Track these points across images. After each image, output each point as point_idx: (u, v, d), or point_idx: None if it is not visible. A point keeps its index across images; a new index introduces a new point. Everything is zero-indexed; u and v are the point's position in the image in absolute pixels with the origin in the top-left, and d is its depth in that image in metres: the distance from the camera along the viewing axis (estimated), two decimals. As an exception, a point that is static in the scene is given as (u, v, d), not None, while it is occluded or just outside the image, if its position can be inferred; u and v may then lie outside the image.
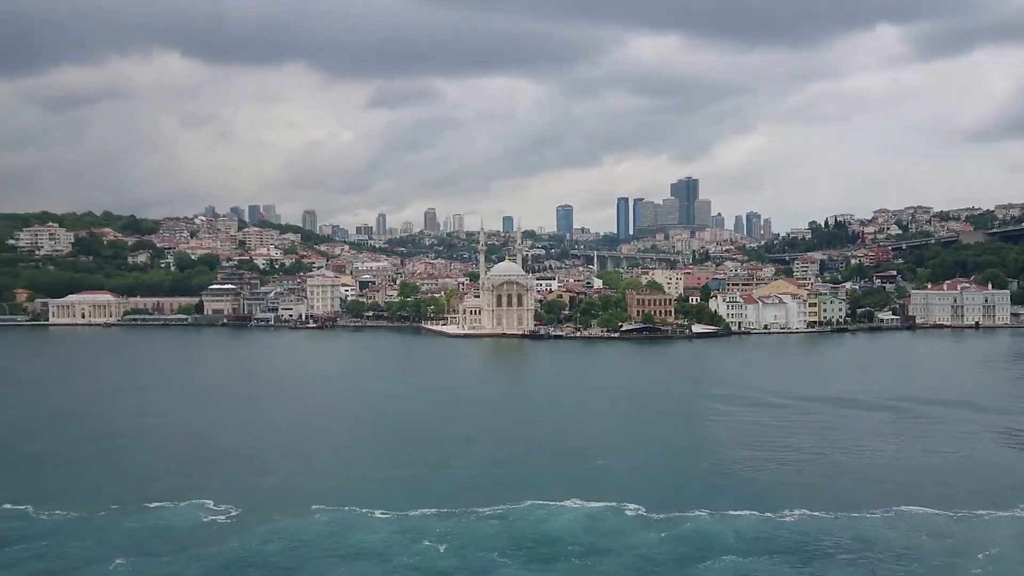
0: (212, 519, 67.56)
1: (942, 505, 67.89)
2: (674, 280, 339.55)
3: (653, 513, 67.18)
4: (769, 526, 64.25)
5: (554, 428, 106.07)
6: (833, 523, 64.54)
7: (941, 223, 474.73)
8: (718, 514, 66.54)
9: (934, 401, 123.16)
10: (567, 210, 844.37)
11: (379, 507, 68.56)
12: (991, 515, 65.95)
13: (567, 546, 60.53)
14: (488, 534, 62.98)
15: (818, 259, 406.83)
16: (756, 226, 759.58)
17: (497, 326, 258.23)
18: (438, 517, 66.81)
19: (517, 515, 67.20)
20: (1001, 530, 62.71)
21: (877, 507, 67.64)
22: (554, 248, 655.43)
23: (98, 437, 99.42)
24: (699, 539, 61.77)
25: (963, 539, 61.02)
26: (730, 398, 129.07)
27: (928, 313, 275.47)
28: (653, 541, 61.55)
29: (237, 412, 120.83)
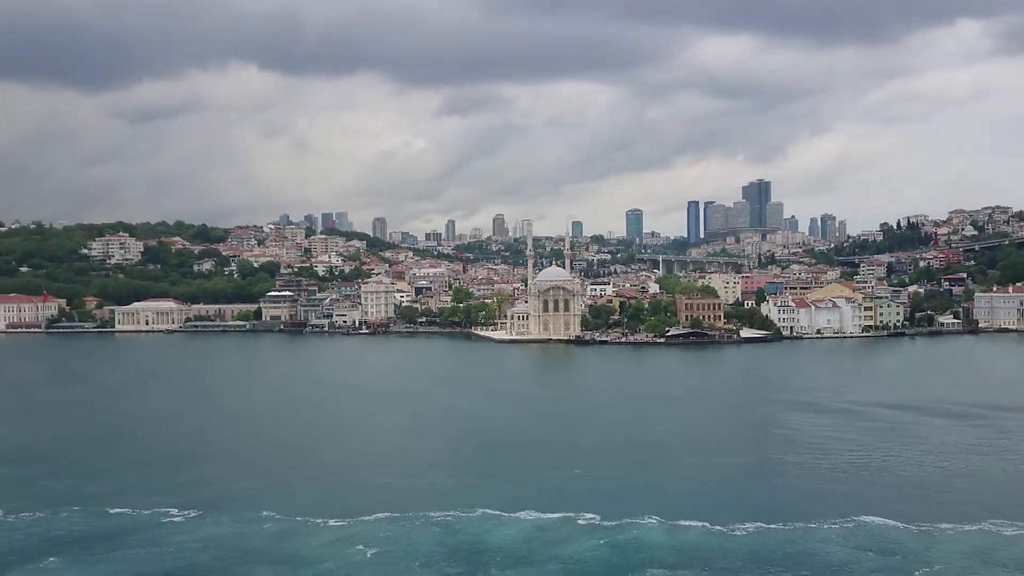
0: (169, 520, 69.00)
1: (904, 517, 65.13)
2: (731, 284, 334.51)
3: (606, 522, 66.08)
4: (719, 539, 62.51)
5: (548, 436, 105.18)
6: (783, 535, 62.42)
7: (1020, 223, 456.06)
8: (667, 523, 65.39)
9: (937, 407, 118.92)
10: (637, 214, 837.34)
11: (335, 515, 68.89)
12: (955, 529, 62.90)
13: (496, 555, 59.91)
14: (423, 542, 62.83)
15: (885, 261, 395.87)
16: (830, 228, 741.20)
17: (544, 331, 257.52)
18: (387, 522, 66.93)
19: (463, 524, 66.81)
20: (956, 546, 59.70)
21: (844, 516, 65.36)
22: (620, 253, 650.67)
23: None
24: (640, 548, 60.60)
25: (911, 554, 58.33)
26: (748, 403, 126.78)
27: (993, 317, 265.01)
28: (587, 549, 60.48)
29: (235, 414, 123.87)
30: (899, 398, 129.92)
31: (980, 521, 64.54)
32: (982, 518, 65.31)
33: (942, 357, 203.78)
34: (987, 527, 63.31)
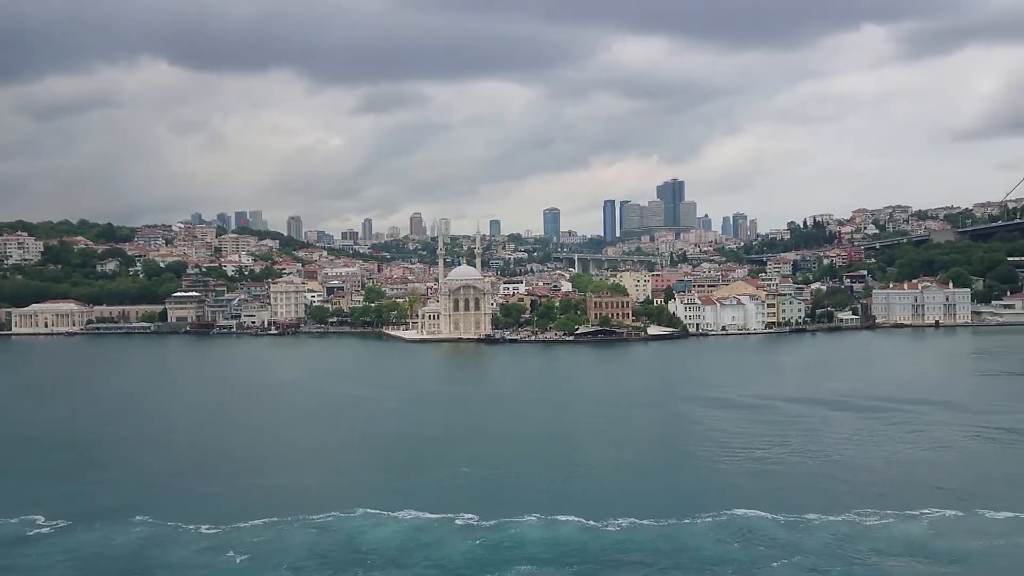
0: (36, 531, 66.57)
1: (776, 509, 66.67)
2: (642, 282, 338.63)
3: (485, 521, 66.05)
4: (591, 535, 62.97)
5: (444, 435, 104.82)
6: (655, 530, 63.29)
7: (919, 222, 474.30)
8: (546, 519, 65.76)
9: (833, 400, 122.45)
10: (554, 213, 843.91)
11: (210, 521, 67.29)
12: (821, 519, 64.64)
13: (367, 557, 59.37)
14: (296, 545, 61.86)
15: (791, 259, 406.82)
16: (742, 227, 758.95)
17: (454, 331, 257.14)
18: (264, 527, 65.69)
19: (342, 525, 66.06)
20: (819, 536, 61.35)
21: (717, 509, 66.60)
22: (537, 252, 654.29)
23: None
24: (512, 547, 60.74)
25: (775, 544, 59.75)
26: (633, 400, 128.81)
27: (889, 312, 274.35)
28: (461, 549, 60.40)
29: (132, 419, 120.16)
30: (798, 392, 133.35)
31: (847, 511, 66.31)
32: (851, 508, 67.12)
33: (841, 352, 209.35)
34: (852, 517, 65.08)
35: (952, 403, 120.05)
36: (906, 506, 67.41)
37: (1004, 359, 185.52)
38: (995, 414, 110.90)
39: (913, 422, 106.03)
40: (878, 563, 56.43)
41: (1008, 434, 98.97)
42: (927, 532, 61.77)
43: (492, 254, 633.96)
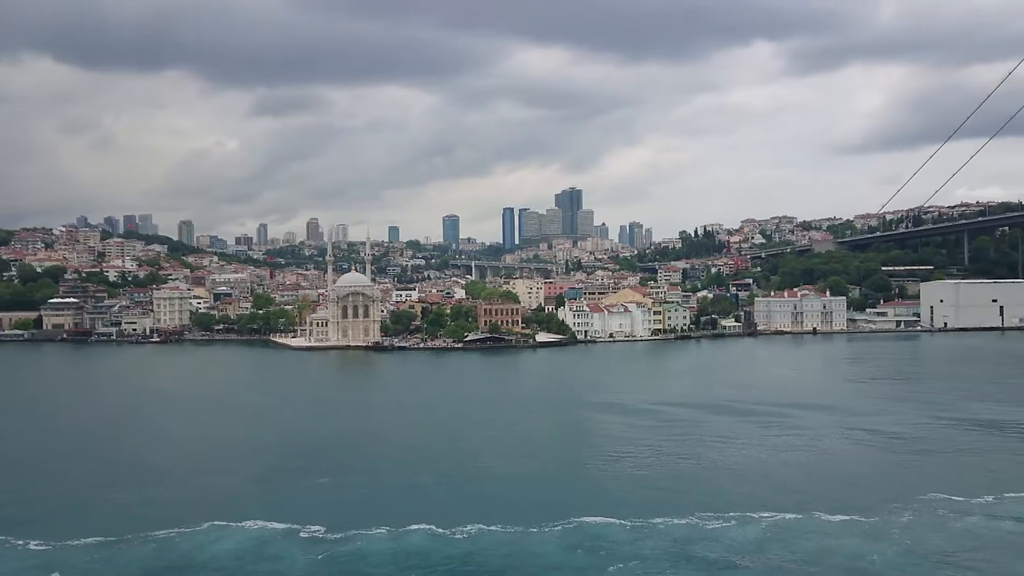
0: None
1: (625, 514, 67.48)
2: (534, 290, 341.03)
3: (332, 533, 64.91)
4: (438, 543, 62.59)
5: (313, 444, 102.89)
6: (501, 537, 63.33)
7: (803, 232, 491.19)
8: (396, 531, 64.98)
9: (709, 405, 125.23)
10: (453, 220, 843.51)
11: (40, 537, 64.32)
12: (666, 523, 65.72)
13: (200, 572, 57.62)
14: (128, 561, 59.62)
15: (680, 268, 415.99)
16: (638, 236, 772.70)
17: (343, 338, 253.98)
18: (98, 546, 63.01)
19: (184, 539, 63.95)
20: (659, 540, 62.35)
21: (561, 519, 66.95)
22: (435, 259, 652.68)
23: None
24: (353, 559, 59.83)
25: (616, 549, 60.46)
26: (514, 407, 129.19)
27: (770, 320, 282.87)
28: (301, 563, 59.22)
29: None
30: (678, 397, 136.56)
31: (692, 515, 67.62)
32: (696, 511, 68.45)
33: (724, 358, 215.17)
34: (695, 520, 66.37)
35: (824, 406, 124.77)
36: (750, 509, 69.15)
37: (875, 364, 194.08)
38: (863, 416, 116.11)
39: (784, 425, 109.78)
40: (706, 566, 57.60)
41: (871, 435, 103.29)
42: (762, 535, 63.37)
43: (389, 261, 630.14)
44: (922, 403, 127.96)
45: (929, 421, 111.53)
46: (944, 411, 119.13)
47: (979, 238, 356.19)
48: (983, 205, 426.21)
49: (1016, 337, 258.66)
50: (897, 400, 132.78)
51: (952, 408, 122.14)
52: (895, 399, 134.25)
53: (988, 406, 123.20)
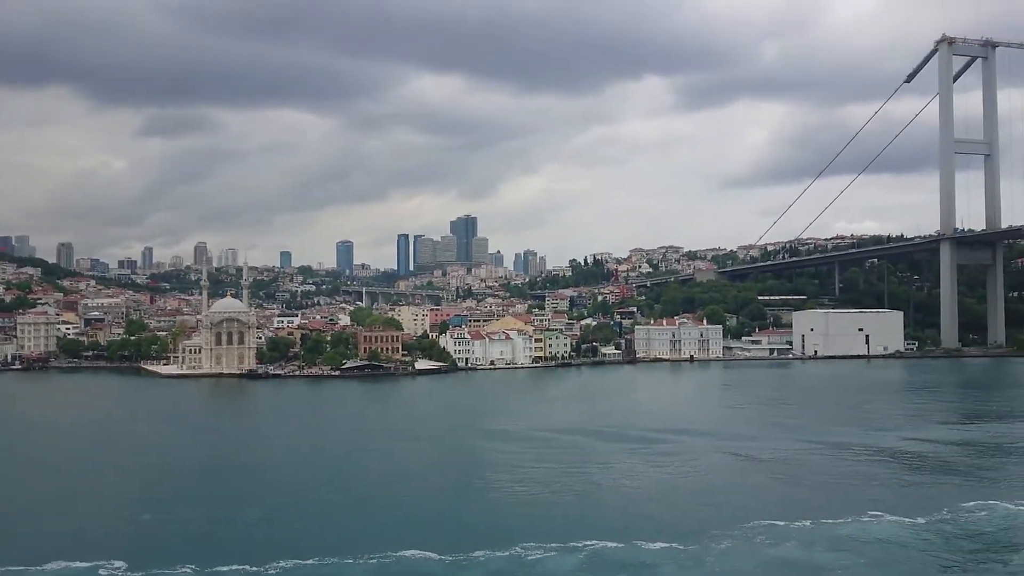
0: None
1: (444, 548, 66.16)
2: (420, 317, 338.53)
3: (132, 571, 61.53)
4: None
5: (146, 480, 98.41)
6: (311, 570, 61.30)
7: (689, 262, 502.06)
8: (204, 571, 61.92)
9: (570, 431, 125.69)
10: (347, 246, 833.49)
11: None
12: (486, 555, 64.68)
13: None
14: None
15: (568, 296, 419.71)
16: (532, 263, 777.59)
17: (216, 365, 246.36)
18: None
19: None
20: (475, 573, 61.26)
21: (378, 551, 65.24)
22: (327, 285, 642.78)
23: None
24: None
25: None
26: (381, 435, 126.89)
27: (650, 347, 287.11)
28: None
29: None
30: (546, 424, 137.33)
31: (515, 545, 66.74)
32: (520, 542, 67.57)
33: (604, 385, 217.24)
34: (516, 552, 65.53)
35: (692, 431, 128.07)
36: (575, 537, 68.73)
37: (745, 390, 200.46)
38: (728, 440, 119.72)
39: (651, 451, 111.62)
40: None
41: (731, 459, 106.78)
42: (579, 565, 63.11)
43: (279, 287, 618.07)
44: (784, 428, 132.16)
45: (787, 445, 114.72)
46: (803, 436, 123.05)
47: (850, 270, 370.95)
48: (856, 238, 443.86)
49: (880, 365, 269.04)
50: (762, 425, 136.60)
51: (810, 432, 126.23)
52: (760, 424, 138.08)
53: (846, 430, 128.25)
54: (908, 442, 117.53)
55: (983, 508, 77.07)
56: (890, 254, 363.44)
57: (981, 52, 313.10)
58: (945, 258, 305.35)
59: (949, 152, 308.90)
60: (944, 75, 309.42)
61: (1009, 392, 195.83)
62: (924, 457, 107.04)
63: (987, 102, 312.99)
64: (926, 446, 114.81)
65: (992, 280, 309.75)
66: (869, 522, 73.67)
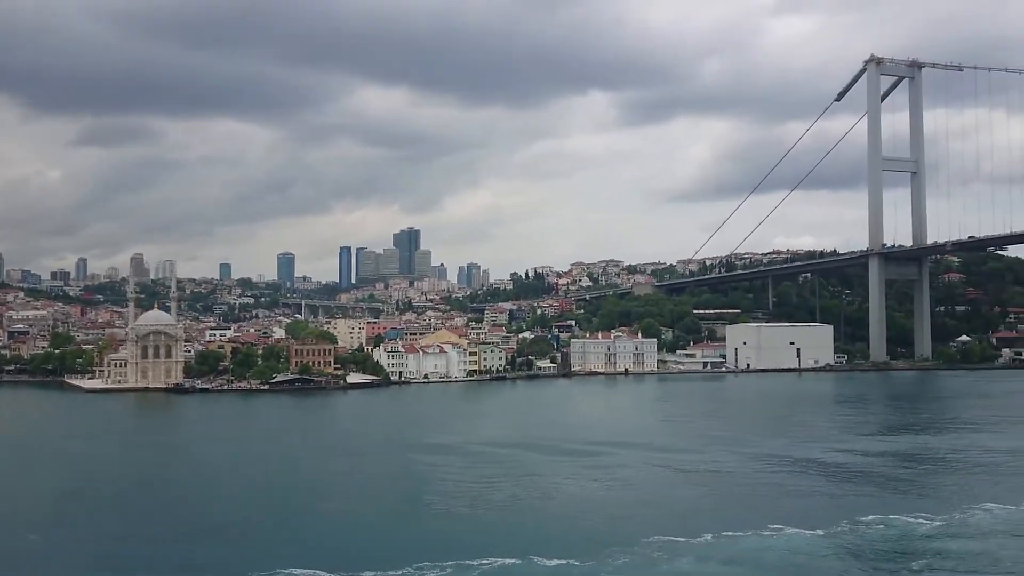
0: None
1: (333, 566, 64.57)
2: (356, 330, 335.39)
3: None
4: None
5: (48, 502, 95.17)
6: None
7: (629, 276, 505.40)
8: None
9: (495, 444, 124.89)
10: (288, 258, 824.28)
11: None
12: (377, 574, 63.32)
13: None
14: None
15: (507, 309, 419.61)
16: (475, 277, 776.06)
17: (142, 379, 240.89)
18: None
19: None
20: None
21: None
22: (265, 297, 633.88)
23: None
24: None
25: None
26: (303, 452, 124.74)
27: (585, 361, 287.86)
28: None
29: None
30: (470, 438, 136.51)
31: (410, 564, 65.34)
32: (415, 560, 66.14)
33: (532, 399, 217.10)
34: (409, 570, 64.14)
35: (623, 443, 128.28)
36: (473, 555, 67.44)
37: (675, 403, 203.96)
38: (659, 453, 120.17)
39: (580, 464, 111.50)
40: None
41: (658, 472, 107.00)
42: (470, 583, 62.02)
43: (216, 299, 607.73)
44: (712, 440, 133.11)
45: (713, 457, 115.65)
46: (729, 447, 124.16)
47: (783, 284, 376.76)
48: (792, 253, 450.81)
49: (810, 378, 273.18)
50: (691, 437, 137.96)
51: (737, 444, 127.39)
52: (689, 436, 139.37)
53: (773, 442, 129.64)
54: (830, 454, 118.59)
55: (881, 521, 77.58)
56: (822, 269, 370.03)
57: (908, 72, 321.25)
58: (873, 273, 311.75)
59: (877, 170, 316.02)
60: (872, 94, 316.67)
61: (933, 405, 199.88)
62: (841, 469, 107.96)
63: (914, 121, 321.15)
64: (846, 457, 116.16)
65: (919, 295, 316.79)
66: (769, 535, 73.70)
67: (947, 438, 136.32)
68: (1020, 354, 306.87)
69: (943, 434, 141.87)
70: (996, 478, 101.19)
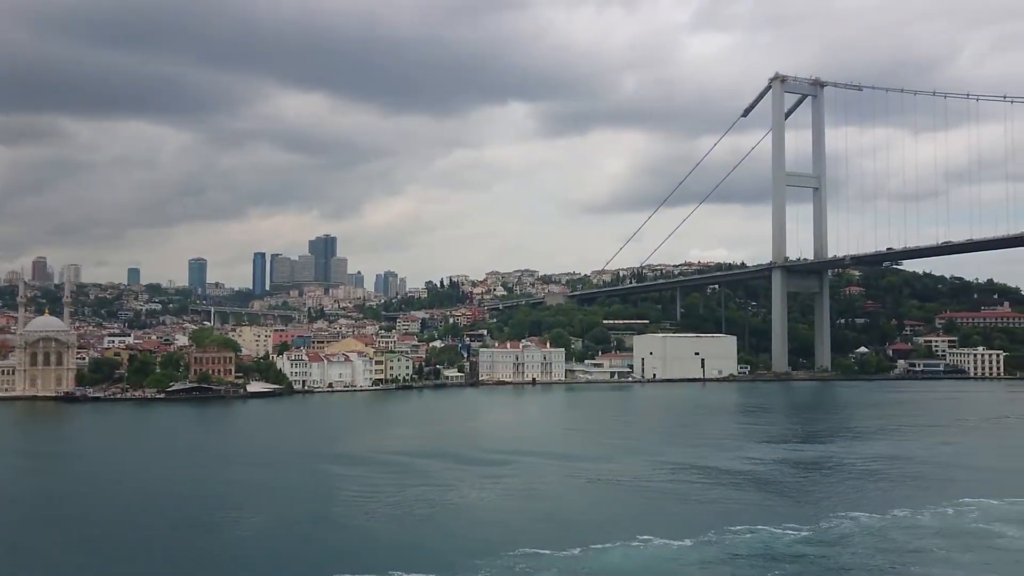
0: None
1: None
2: (263, 338, 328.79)
3: None
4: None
5: None
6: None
7: (544, 286, 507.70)
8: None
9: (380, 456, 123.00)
10: (200, 263, 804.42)
11: None
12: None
13: None
14: None
15: (419, 317, 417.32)
16: (392, 285, 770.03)
17: (31, 388, 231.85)
18: None
19: None
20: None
21: None
22: (174, 303, 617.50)
23: None
24: None
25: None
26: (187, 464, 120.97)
27: (494, 370, 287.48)
28: None
29: None
30: (368, 447, 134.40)
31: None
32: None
33: (438, 408, 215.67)
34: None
35: (526, 452, 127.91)
36: (332, 570, 65.95)
37: (581, 413, 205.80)
38: (562, 461, 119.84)
39: (476, 474, 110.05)
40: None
41: (547, 481, 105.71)
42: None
43: (122, 304, 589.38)
44: (611, 448, 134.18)
45: (607, 467, 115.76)
46: (626, 455, 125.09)
47: (691, 295, 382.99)
48: (703, 265, 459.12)
49: (714, 388, 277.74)
50: (589, 446, 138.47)
51: (634, 453, 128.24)
52: (590, 445, 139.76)
53: (664, 450, 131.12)
54: (721, 462, 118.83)
55: (749, 531, 78.23)
56: (729, 280, 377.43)
57: (811, 91, 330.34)
58: (776, 286, 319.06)
59: (781, 184, 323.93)
60: (777, 111, 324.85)
61: (827, 414, 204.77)
62: (726, 477, 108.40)
63: (816, 138, 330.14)
64: (735, 465, 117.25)
65: (819, 307, 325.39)
66: (637, 546, 73.55)
67: (833, 447, 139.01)
68: (914, 365, 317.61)
69: (830, 443, 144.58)
70: (868, 486, 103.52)
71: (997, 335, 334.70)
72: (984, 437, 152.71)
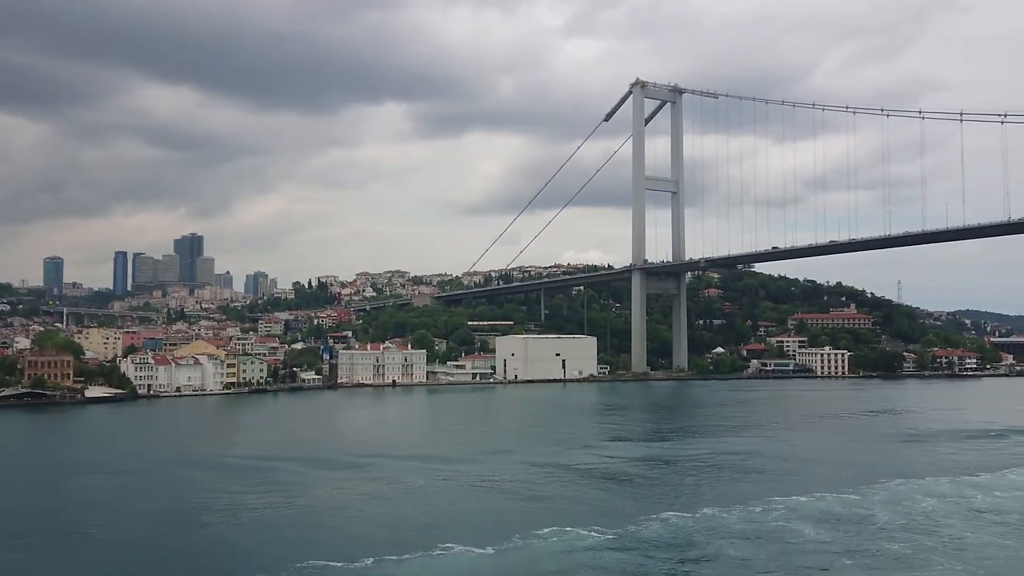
0: None
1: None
2: (111, 340, 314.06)
3: None
4: None
5: None
6: None
7: (414, 287, 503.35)
8: None
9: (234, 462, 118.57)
10: (57, 263, 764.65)
11: None
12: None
13: None
14: None
15: (283, 319, 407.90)
16: (263, 285, 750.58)
17: None
18: None
19: None
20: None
21: None
22: (22, 304, 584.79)
23: None
24: None
25: None
26: None
27: (353, 373, 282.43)
28: None
29: None
30: (217, 452, 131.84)
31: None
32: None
33: (292, 411, 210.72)
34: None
35: (377, 455, 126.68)
36: None
37: (442, 414, 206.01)
38: (408, 462, 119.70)
39: (329, 477, 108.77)
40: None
41: (377, 486, 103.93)
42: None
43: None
44: (455, 448, 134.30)
45: (447, 467, 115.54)
46: (461, 458, 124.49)
47: (556, 296, 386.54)
48: (572, 267, 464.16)
49: (574, 388, 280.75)
50: (443, 446, 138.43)
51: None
52: (444, 446, 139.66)
53: (520, 447, 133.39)
54: (552, 461, 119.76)
55: (555, 534, 77.62)
56: (593, 282, 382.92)
57: (670, 97, 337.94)
58: (636, 287, 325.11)
59: (640, 188, 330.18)
60: (637, 116, 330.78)
61: (685, 413, 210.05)
62: (552, 479, 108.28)
63: (674, 143, 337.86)
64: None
65: (677, 309, 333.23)
66: (437, 555, 71.81)
67: (673, 445, 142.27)
68: (766, 365, 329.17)
69: (672, 441, 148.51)
70: (683, 486, 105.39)
71: (843, 335, 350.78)
72: (811, 435, 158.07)
